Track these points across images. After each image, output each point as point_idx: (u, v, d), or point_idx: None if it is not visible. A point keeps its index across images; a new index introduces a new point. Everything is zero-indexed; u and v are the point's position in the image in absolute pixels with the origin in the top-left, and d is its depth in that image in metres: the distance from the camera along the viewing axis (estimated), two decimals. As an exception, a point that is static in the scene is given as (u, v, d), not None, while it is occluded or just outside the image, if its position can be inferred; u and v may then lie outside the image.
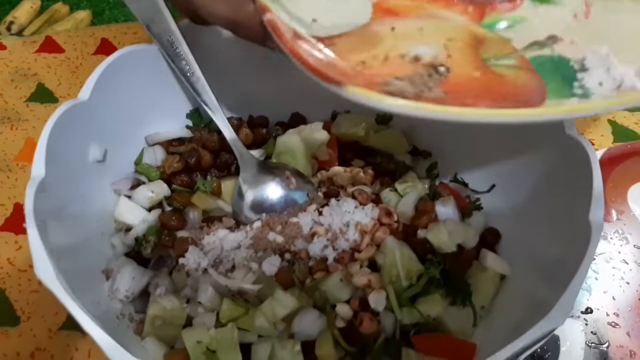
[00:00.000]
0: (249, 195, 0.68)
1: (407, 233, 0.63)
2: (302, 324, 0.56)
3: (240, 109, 0.76)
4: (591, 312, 0.67)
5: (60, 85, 0.95)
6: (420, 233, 0.62)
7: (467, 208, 0.67)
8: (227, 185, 0.69)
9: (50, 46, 1.01)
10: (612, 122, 0.91)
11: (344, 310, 0.57)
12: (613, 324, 0.66)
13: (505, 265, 0.62)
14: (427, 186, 0.69)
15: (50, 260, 0.46)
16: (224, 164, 0.70)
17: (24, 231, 0.75)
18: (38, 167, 0.52)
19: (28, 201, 0.49)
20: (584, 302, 0.68)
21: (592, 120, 0.91)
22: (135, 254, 0.63)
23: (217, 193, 0.68)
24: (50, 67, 0.98)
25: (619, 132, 0.90)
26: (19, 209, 0.78)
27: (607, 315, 0.67)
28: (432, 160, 0.73)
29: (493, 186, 0.68)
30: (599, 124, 0.91)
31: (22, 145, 0.85)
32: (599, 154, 0.79)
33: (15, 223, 0.77)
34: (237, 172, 0.70)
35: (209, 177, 0.69)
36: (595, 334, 0.66)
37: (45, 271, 0.46)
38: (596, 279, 0.69)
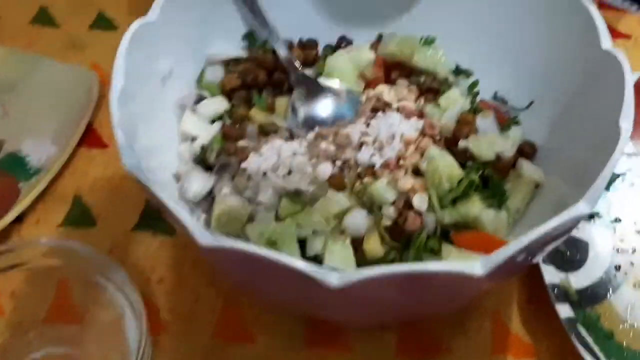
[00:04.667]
0: (302, 112, 0.73)
1: (449, 143, 0.68)
2: (351, 221, 0.62)
3: (291, 32, 0.80)
4: (620, 221, 0.72)
5: (119, 13, 1.00)
6: (461, 143, 0.67)
7: (506, 122, 0.71)
8: (281, 102, 0.75)
9: (107, -27, 1.06)
10: (650, 44, 0.93)
11: (389, 211, 0.63)
12: (640, 231, 0.71)
13: (540, 173, 0.66)
14: (468, 101, 0.73)
15: (135, 155, 0.52)
16: (278, 81, 0.75)
17: (97, 145, 0.83)
18: (118, 77, 0.58)
19: (113, 105, 0.55)
20: (613, 212, 0.73)
21: (629, 40, 0.93)
22: (200, 161, 0.69)
23: (271, 108, 0.74)
24: (108, -5, 1.03)
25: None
26: (89, 127, 0.85)
27: (635, 223, 0.72)
28: (474, 79, 0.77)
29: (532, 103, 0.72)
30: (637, 44, 0.92)
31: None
32: (635, 76, 0.81)
33: (87, 139, 0.84)
34: (289, 91, 0.75)
35: (264, 94, 0.74)
36: (622, 240, 0.71)
37: (132, 162, 0.52)
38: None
